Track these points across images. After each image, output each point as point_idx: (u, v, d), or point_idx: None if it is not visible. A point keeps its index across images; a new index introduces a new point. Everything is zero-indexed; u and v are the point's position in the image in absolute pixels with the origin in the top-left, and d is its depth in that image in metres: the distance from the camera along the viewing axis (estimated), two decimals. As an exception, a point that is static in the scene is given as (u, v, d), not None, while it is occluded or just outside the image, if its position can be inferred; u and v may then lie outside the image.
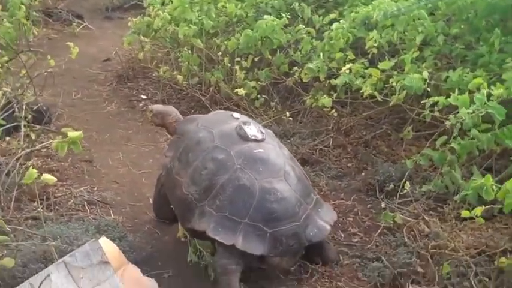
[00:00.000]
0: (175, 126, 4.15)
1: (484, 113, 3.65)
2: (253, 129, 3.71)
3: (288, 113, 5.14)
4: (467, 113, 3.63)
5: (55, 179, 3.16)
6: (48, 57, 5.04)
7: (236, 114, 3.96)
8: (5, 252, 3.26)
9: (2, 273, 3.26)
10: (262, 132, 3.74)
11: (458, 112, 3.81)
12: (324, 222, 3.62)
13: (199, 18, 6.07)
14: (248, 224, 3.39)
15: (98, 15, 10.53)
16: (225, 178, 3.49)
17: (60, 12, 9.77)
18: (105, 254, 3.20)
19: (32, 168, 4.78)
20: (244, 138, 3.66)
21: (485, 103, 3.67)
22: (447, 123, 3.76)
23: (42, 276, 2.94)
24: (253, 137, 3.67)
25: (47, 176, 3.14)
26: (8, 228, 3.18)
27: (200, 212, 3.51)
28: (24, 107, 4.78)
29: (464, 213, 3.03)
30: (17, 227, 3.67)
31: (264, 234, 3.38)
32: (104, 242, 3.29)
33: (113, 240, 3.78)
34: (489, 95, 3.73)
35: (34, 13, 7.38)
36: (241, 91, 5.42)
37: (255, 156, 3.57)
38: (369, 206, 4.49)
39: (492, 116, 3.68)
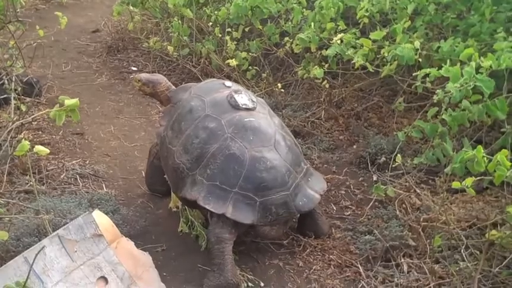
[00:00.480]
0: (167, 94, 4.11)
1: (472, 86, 3.63)
2: (244, 98, 3.72)
3: (279, 85, 5.11)
4: (455, 86, 3.61)
5: (48, 151, 3.14)
6: (37, 27, 4.97)
7: (228, 83, 3.94)
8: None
9: (-4, 246, 3.28)
10: (253, 101, 3.75)
11: (447, 84, 3.79)
12: (314, 191, 3.64)
13: (189, -13, 6.00)
14: (238, 193, 3.42)
15: (87, -16, 10.38)
16: (216, 147, 3.51)
17: (48, -19, 9.61)
18: (99, 227, 3.23)
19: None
20: (235, 107, 3.66)
21: (473, 76, 3.65)
22: (435, 97, 3.74)
23: (37, 249, 2.95)
24: (244, 106, 3.67)
25: (39, 148, 3.11)
26: (1, 201, 3.16)
27: (192, 180, 3.53)
28: (14, 79, 4.73)
29: (455, 184, 3.04)
30: (10, 201, 3.66)
31: (254, 203, 3.42)
32: (98, 215, 3.29)
33: (106, 213, 3.79)
34: (479, 67, 3.71)
35: (21, -17, 7.22)
36: (233, 62, 5.39)
37: (246, 125, 3.57)
38: (360, 179, 4.52)
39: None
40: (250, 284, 3.47)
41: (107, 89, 6.15)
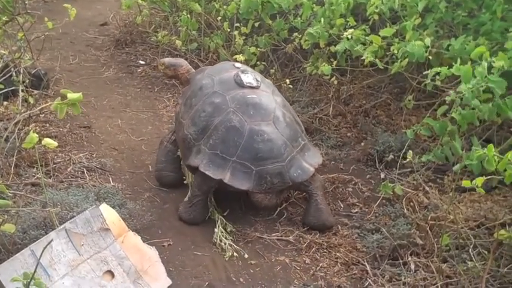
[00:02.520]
0: (187, 76, 4.48)
1: (484, 87, 3.61)
2: (249, 77, 4.05)
3: (287, 81, 5.09)
4: (468, 88, 3.58)
5: (56, 144, 3.11)
6: (46, 19, 4.97)
7: (238, 64, 4.30)
8: (6, 217, 3.25)
9: (3, 239, 3.26)
10: (257, 80, 4.06)
11: (459, 84, 3.77)
12: (308, 164, 3.89)
13: (198, -20, 5.98)
14: (236, 161, 3.75)
15: (95, -24, 10.37)
16: (219, 120, 3.84)
17: (56, -27, 9.60)
18: (106, 221, 3.23)
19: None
20: (240, 84, 4.00)
21: (485, 76, 3.62)
22: (447, 98, 3.72)
23: (44, 242, 2.95)
24: (248, 84, 4.00)
25: (48, 141, 3.09)
26: (9, 193, 3.15)
27: (196, 150, 3.87)
28: (22, 71, 4.72)
29: (465, 183, 3.00)
30: (17, 193, 3.65)
31: (250, 172, 3.73)
32: (105, 209, 3.30)
33: (113, 207, 3.78)
34: (490, 67, 3.68)
35: (30, -25, 7.21)
36: (241, 57, 5.37)
37: (248, 101, 3.89)
38: (368, 176, 4.50)
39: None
40: (235, 254, 3.64)
41: (114, 83, 6.15)
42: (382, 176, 4.44)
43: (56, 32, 6.84)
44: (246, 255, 3.63)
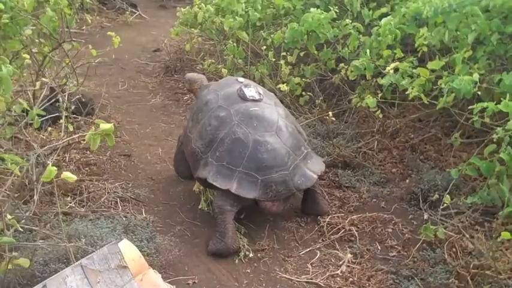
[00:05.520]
0: (198, 91, 4.66)
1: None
2: (252, 91, 4.20)
3: (330, 113, 4.92)
4: (517, 125, 3.33)
5: (75, 178, 3.04)
6: (90, 47, 5.01)
7: (241, 79, 4.43)
8: (23, 251, 3.22)
9: (23, 271, 3.22)
10: (260, 93, 4.21)
11: (507, 121, 3.51)
12: (312, 172, 4.03)
13: (246, 10, 5.92)
14: (242, 171, 3.87)
15: (153, 3, 10.60)
16: (224, 132, 3.99)
17: (115, 0, 9.83)
18: (124, 258, 3.12)
19: (69, 161, 4.85)
20: (244, 98, 4.14)
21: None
22: (494, 136, 3.47)
23: (59, 278, 2.88)
24: (251, 98, 4.15)
25: (67, 174, 3.02)
26: (20, 228, 3.10)
27: (204, 162, 4.02)
28: (66, 98, 4.75)
29: (505, 235, 2.76)
30: (33, 228, 3.58)
31: (256, 181, 3.85)
32: (125, 246, 3.19)
33: (141, 241, 3.73)
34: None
35: (88, 0, 7.38)
36: (284, 87, 5.23)
37: (251, 113, 4.04)
38: (410, 216, 4.24)
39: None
40: (247, 252, 3.81)
41: (160, 110, 6.14)
42: (425, 216, 4.18)
43: (108, 58, 6.98)
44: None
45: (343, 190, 4.57)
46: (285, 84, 5.31)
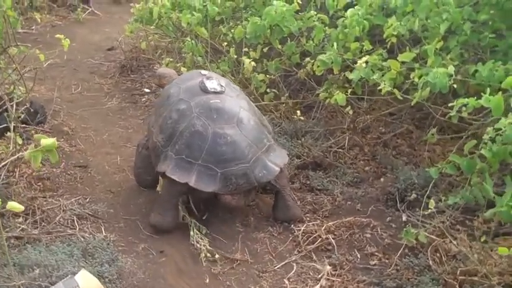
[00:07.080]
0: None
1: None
2: (214, 83, 4.10)
3: (298, 112, 4.66)
4: (509, 122, 3.11)
5: (22, 208, 2.72)
6: (37, 51, 4.68)
7: (204, 72, 4.33)
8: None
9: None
10: (221, 86, 4.11)
11: (487, 115, 3.31)
12: (273, 164, 3.93)
13: (204, 4, 5.59)
14: (201, 165, 3.81)
15: (106, -1, 10.14)
16: (184, 125, 3.91)
17: (65, -4, 9.40)
18: (83, 291, 2.82)
19: (20, 176, 4.49)
20: (205, 90, 4.05)
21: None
22: (485, 137, 3.27)
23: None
24: (212, 90, 4.05)
25: (13, 205, 2.71)
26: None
27: (164, 156, 3.95)
28: (13, 107, 4.41)
29: (501, 251, 2.55)
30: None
31: (215, 174, 3.79)
32: (83, 277, 2.92)
33: (101, 264, 3.44)
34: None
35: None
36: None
37: (211, 105, 3.96)
38: (388, 219, 4.03)
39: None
40: (208, 254, 3.64)
41: (116, 114, 5.80)
42: (404, 218, 3.97)
43: (60, 59, 6.60)
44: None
45: (315, 193, 4.34)
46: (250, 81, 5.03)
